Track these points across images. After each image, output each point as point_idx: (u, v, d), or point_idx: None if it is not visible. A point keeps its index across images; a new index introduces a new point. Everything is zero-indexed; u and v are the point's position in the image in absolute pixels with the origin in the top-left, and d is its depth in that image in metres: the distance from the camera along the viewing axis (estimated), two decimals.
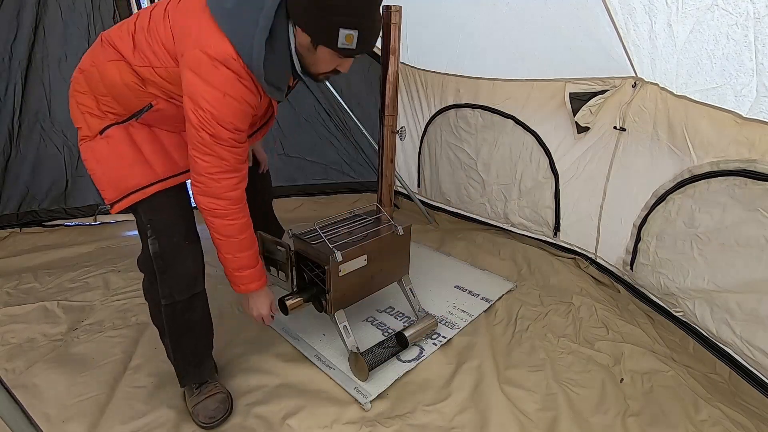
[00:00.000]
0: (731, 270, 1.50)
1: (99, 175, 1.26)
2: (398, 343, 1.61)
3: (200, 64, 1.08)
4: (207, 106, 1.10)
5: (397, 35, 1.66)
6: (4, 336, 1.71)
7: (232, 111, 1.13)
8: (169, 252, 1.26)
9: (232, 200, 1.22)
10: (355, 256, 1.51)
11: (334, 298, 1.51)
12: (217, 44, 1.07)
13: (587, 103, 1.93)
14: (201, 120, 1.11)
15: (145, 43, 1.16)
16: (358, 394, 1.44)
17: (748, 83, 1.34)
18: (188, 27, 1.11)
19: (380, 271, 1.64)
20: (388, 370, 1.55)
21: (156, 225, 1.26)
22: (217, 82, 1.09)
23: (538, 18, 1.87)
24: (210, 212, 1.23)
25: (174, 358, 1.38)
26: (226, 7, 1.08)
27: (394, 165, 1.85)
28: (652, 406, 1.44)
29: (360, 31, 1.11)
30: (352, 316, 1.77)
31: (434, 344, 1.69)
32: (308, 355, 1.62)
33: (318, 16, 1.09)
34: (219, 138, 1.14)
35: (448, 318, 1.85)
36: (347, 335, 1.54)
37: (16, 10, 2.19)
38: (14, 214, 2.44)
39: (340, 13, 1.08)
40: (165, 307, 1.30)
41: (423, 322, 1.68)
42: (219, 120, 1.12)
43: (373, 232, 1.61)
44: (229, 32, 1.08)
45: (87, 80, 1.23)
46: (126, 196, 1.24)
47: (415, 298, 1.79)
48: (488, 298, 1.98)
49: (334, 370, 1.55)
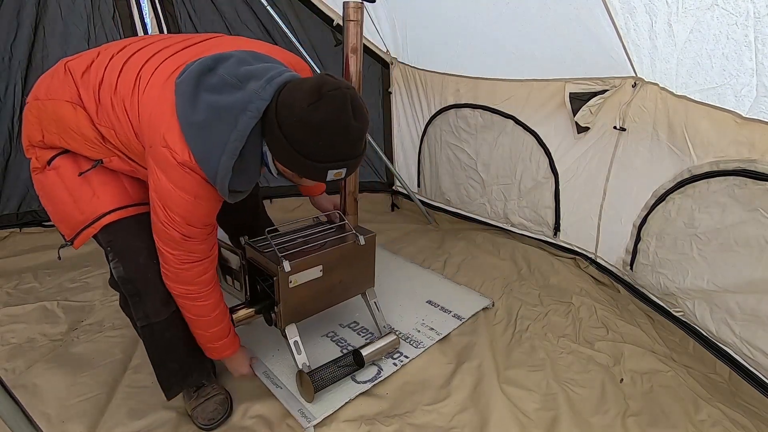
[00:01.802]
0: (731, 270, 1.50)
1: (51, 211, 1.20)
2: (354, 362, 1.50)
3: (168, 166, 1.02)
4: (178, 210, 1.06)
5: (358, 33, 1.49)
6: (4, 336, 1.71)
7: (204, 211, 1.10)
8: (137, 274, 1.18)
9: (203, 284, 1.19)
10: (308, 266, 1.41)
11: (284, 312, 1.41)
12: (182, 150, 1.01)
13: (587, 103, 1.93)
14: (171, 220, 1.07)
15: (110, 104, 1.08)
16: (301, 417, 1.34)
17: (748, 83, 1.34)
18: (157, 120, 1.03)
19: (340, 283, 1.53)
20: (340, 391, 1.44)
21: (116, 247, 1.18)
22: (188, 186, 1.04)
23: (538, 18, 1.86)
24: (181, 296, 1.20)
25: (157, 375, 1.32)
26: (195, 120, 1.00)
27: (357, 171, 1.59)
28: (652, 406, 1.44)
29: (348, 168, 1.10)
30: (310, 331, 1.71)
31: (394, 364, 1.57)
32: (257, 372, 1.52)
33: (303, 163, 1.05)
34: (189, 236, 1.11)
35: (413, 336, 1.73)
36: (297, 352, 1.45)
37: (16, 10, 2.19)
38: (14, 214, 2.44)
39: (327, 161, 1.05)
40: (142, 329, 1.24)
41: (383, 340, 1.57)
42: (190, 222, 1.08)
43: (333, 241, 1.51)
44: (194, 148, 1.00)
45: (38, 112, 1.13)
46: (81, 231, 1.17)
47: (379, 312, 1.68)
48: (460, 316, 1.85)
49: (281, 389, 1.45)
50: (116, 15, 2.34)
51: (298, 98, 1.00)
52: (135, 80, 1.07)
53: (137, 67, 1.09)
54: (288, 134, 1.02)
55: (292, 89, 1.03)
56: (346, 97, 1.02)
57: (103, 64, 1.11)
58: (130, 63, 1.10)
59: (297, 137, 1.02)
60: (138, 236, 1.18)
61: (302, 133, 1.01)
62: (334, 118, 1.01)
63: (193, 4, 2.47)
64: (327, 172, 1.07)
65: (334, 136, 1.02)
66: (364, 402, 1.43)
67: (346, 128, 1.03)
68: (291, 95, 1.02)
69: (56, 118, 1.11)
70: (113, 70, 1.10)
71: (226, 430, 1.34)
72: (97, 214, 1.16)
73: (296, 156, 1.04)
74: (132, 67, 1.09)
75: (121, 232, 1.18)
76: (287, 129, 1.02)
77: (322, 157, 1.04)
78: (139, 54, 1.12)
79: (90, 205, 1.16)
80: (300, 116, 1.00)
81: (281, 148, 1.05)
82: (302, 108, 0.99)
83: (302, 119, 1.00)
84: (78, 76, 1.11)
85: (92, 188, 1.16)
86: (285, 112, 1.01)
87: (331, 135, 1.02)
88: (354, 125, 1.04)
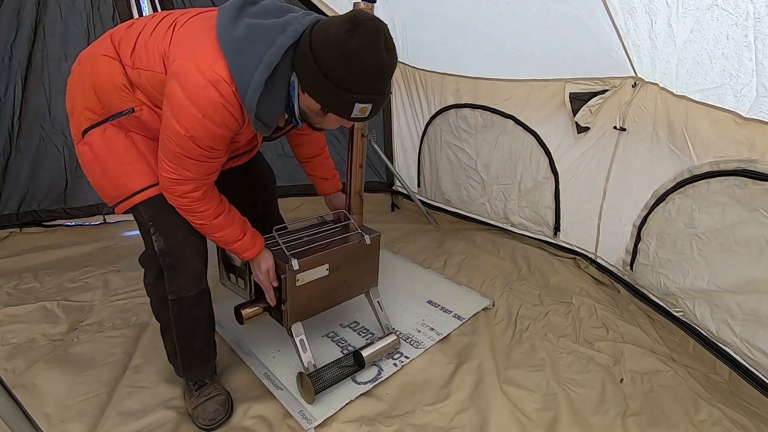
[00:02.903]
0: (731, 270, 1.50)
1: (90, 181, 1.27)
2: (355, 362, 1.49)
3: (188, 77, 1.04)
4: (184, 122, 1.06)
5: None
6: (4, 336, 1.71)
7: (209, 134, 1.09)
8: (176, 248, 1.26)
9: (191, 199, 1.20)
10: (315, 265, 1.42)
11: (291, 310, 1.41)
12: (211, 63, 1.04)
13: (587, 103, 1.93)
14: (175, 132, 1.08)
15: (143, 46, 1.14)
16: (302, 418, 1.34)
17: (748, 83, 1.34)
18: (188, 40, 1.09)
19: (344, 282, 1.54)
20: (340, 392, 1.44)
21: (158, 222, 1.25)
22: (200, 101, 1.04)
23: (538, 18, 1.87)
24: (174, 206, 1.22)
25: (180, 355, 1.37)
26: (235, 35, 1.04)
27: (363, 171, 1.67)
28: (652, 406, 1.44)
29: (374, 104, 1.10)
30: (310, 331, 1.67)
31: (395, 364, 1.57)
32: (258, 374, 1.52)
33: (331, 91, 1.06)
34: (188, 153, 1.11)
35: (414, 336, 1.73)
36: (303, 350, 1.45)
37: (16, 10, 2.18)
38: (14, 214, 2.44)
39: (355, 91, 1.06)
40: (172, 302, 1.30)
41: (384, 341, 1.57)
42: (193, 139, 1.08)
43: (338, 240, 1.51)
44: (230, 60, 1.04)
45: (78, 74, 1.22)
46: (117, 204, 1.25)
47: (383, 312, 1.68)
48: (461, 316, 1.85)
49: (282, 391, 1.45)
50: (116, 15, 2.34)
51: (334, 26, 1.03)
52: (171, 24, 1.15)
53: (175, 16, 1.18)
54: (321, 60, 1.03)
55: (327, 21, 1.07)
56: (380, 29, 1.04)
57: (145, 20, 1.21)
58: (169, 16, 1.19)
59: (329, 63, 1.03)
60: (177, 213, 1.24)
61: (335, 59, 1.02)
62: (369, 48, 1.02)
63: (193, 5, 2.47)
64: (354, 104, 1.07)
65: (366, 65, 1.03)
66: (365, 403, 1.43)
67: (379, 60, 1.04)
68: (327, 24, 1.05)
69: (92, 71, 1.18)
70: (154, 19, 1.19)
71: (226, 430, 1.34)
72: (130, 192, 1.23)
73: (326, 83, 1.05)
74: (170, 17, 1.18)
75: (162, 209, 1.24)
76: (320, 55, 1.03)
77: (351, 86, 1.05)
78: (179, 13, 1.20)
79: (121, 182, 1.23)
80: (335, 43, 1.02)
81: (311, 75, 1.06)
82: (338, 35, 1.01)
83: (337, 45, 1.01)
84: (121, 37, 1.18)
85: (121, 166, 1.22)
86: (320, 38, 1.04)
87: (364, 64, 1.03)
88: (386, 59, 1.05)
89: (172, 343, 1.39)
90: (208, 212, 1.23)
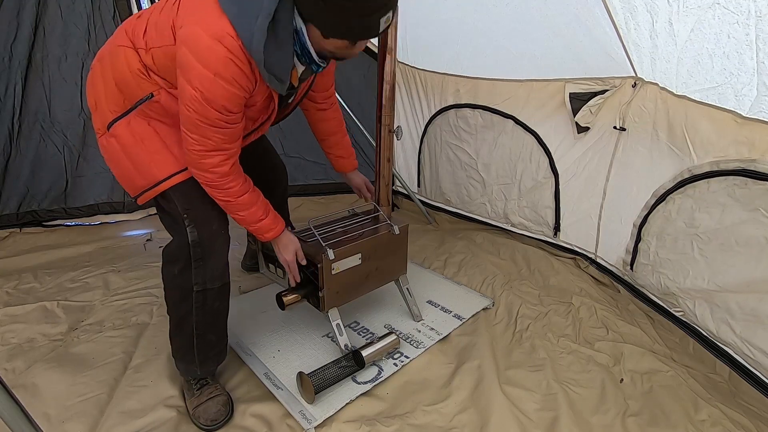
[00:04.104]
0: (731, 270, 1.50)
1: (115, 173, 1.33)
2: (355, 362, 1.50)
3: (196, 40, 1.07)
4: (197, 84, 1.08)
5: (393, 35, 1.67)
6: (4, 336, 1.71)
7: (222, 93, 1.11)
8: (209, 239, 1.30)
9: (218, 174, 1.23)
10: (349, 254, 1.52)
11: (328, 296, 1.51)
12: (215, 22, 1.06)
13: (587, 103, 1.93)
14: (191, 97, 1.10)
15: (154, 24, 1.18)
16: (302, 418, 1.34)
17: (749, 82, 1.34)
18: (193, 7, 1.12)
19: (376, 269, 1.63)
20: (340, 392, 1.44)
21: (193, 214, 1.29)
22: (210, 60, 1.07)
23: (538, 18, 1.87)
24: (201, 182, 1.25)
25: (197, 347, 1.38)
26: None
27: (391, 164, 1.84)
28: (652, 406, 1.44)
29: (393, 11, 1.11)
30: (310, 331, 1.73)
31: (395, 364, 1.57)
32: (258, 373, 1.52)
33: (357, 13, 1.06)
34: (206, 117, 1.13)
35: (414, 336, 1.73)
36: (340, 333, 1.55)
37: (16, 10, 2.18)
38: (14, 214, 2.44)
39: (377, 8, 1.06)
40: (197, 294, 1.32)
41: (384, 341, 1.58)
42: (208, 101, 1.10)
43: (369, 231, 1.61)
44: (231, 15, 1.07)
45: (101, 69, 1.27)
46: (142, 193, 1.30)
47: (412, 297, 1.76)
48: (461, 316, 1.85)
49: (282, 391, 1.45)
50: (116, 15, 2.34)
51: None
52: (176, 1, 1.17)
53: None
54: None
55: None
56: None
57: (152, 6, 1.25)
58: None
59: None
60: (211, 204, 1.30)
61: None
62: None
63: None
64: (380, 21, 1.08)
65: None
66: (365, 402, 1.43)
67: None
68: None
69: (112, 65, 1.24)
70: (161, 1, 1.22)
71: (226, 430, 1.34)
72: (157, 180, 1.28)
73: (348, 14, 1.05)
74: None
75: (197, 199, 1.29)
76: None
77: (371, 5, 1.05)
78: None
79: (149, 171, 1.28)
80: None
81: (329, 14, 1.06)
82: None
83: None
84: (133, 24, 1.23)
85: (149, 155, 1.27)
86: None
87: None
88: None
89: (185, 338, 1.38)
90: (235, 188, 1.27)
